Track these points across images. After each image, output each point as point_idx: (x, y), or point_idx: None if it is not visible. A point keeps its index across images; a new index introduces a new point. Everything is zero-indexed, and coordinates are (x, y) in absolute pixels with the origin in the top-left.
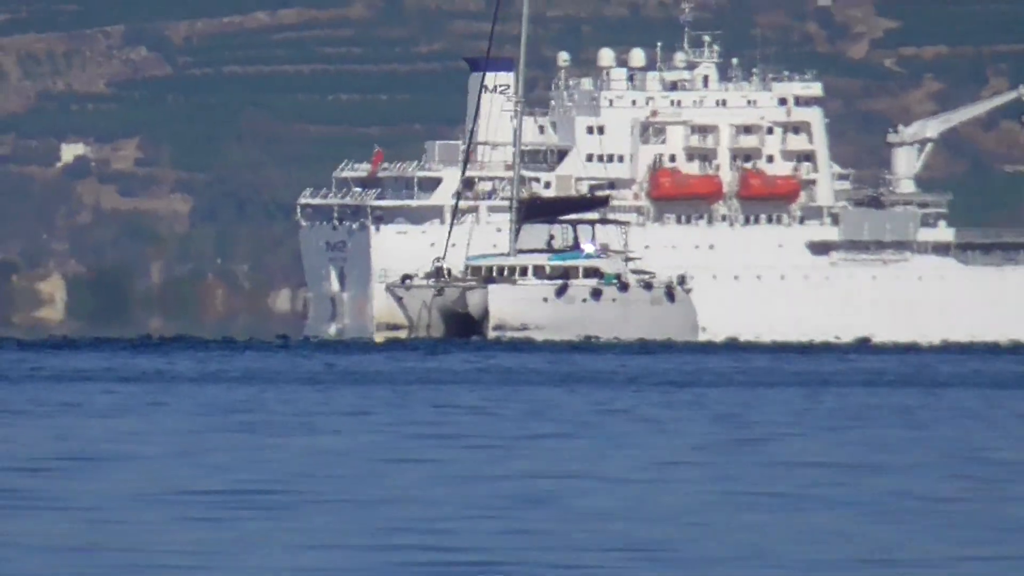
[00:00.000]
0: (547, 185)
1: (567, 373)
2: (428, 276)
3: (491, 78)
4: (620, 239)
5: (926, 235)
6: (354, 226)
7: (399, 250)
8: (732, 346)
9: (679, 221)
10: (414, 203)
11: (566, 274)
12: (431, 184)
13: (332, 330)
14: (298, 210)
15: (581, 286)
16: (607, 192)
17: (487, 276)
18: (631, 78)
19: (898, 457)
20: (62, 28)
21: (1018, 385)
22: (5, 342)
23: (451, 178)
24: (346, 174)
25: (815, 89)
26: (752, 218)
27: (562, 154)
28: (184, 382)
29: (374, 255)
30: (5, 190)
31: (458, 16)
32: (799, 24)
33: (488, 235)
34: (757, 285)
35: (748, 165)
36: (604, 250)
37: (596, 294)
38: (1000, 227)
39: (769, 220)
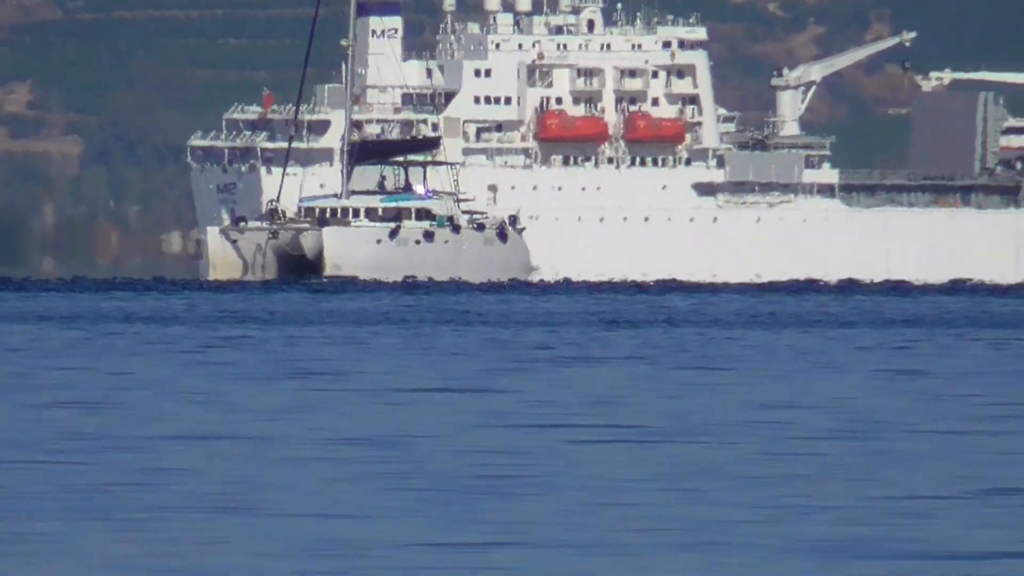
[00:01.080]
0: (434, 127)
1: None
2: (262, 218)
3: (377, 22)
4: (451, 181)
5: (811, 177)
6: (244, 168)
7: (289, 192)
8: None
9: (566, 163)
10: (303, 145)
11: (399, 215)
12: (320, 127)
13: None
14: (188, 152)
15: (414, 228)
16: (436, 135)
17: (320, 218)
18: (517, 23)
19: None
20: None
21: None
22: None
23: (339, 121)
24: (236, 116)
25: (699, 33)
26: (638, 160)
27: (449, 97)
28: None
29: (264, 197)
30: None
31: None
32: None
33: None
34: (644, 226)
35: (634, 108)
36: (435, 192)
37: (428, 236)
38: (883, 169)
39: (655, 163)
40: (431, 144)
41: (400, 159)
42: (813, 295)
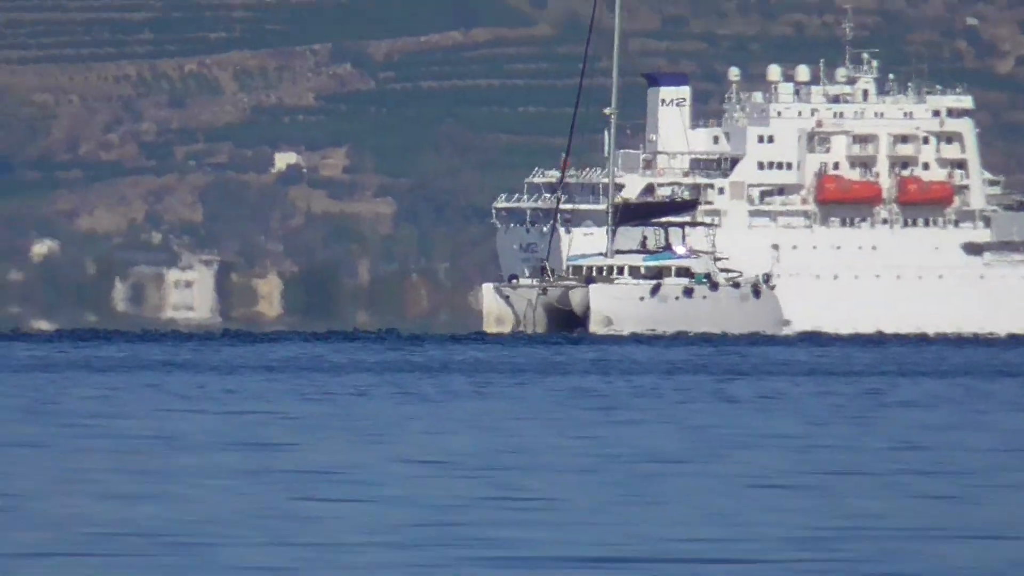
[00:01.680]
0: (721, 191)
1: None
2: (532, 276)
3: (667, 92)
4: (708, 240)
5: None
6: (545, 228)
7: (587, 250)
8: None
9: (843, 224)
10: (600, 207)
11: (659, 274)
12: (616, 190)
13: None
14: (494, 213)
15: (674, 285)
16: (695, 197)
17: (587, 276)
18: (797, 92)
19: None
20: (272, 45)
21: None
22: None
23: (633, 184)
24: (537, 180)
25: (966, 102)
26: (910, 221)
27: (734, 162)
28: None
29: (564, 256)
30: (224, 196)
31: (636, 35)
32: (949, 42)
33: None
34: (916, 283)
35: (906, 172)
36: (693, 251)
37: (688, 292)
38: None
39: (926, 223)
40: (690, 206)
41: (661, 220)
42: None
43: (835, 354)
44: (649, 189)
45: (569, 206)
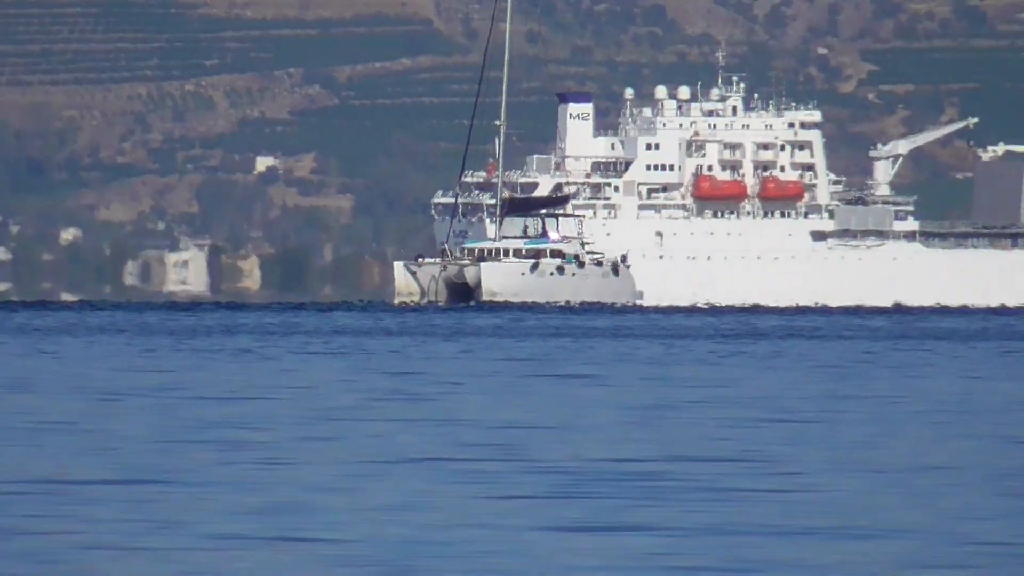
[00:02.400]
0: (616, 188)
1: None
2: (435, 256)
3: (575, 108)
4: (577, 228)
5: (899, 226)
6: (474, 219)
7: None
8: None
9: (714, 215)
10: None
11: (537, 255)
12: (531, 188)
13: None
14: (432, 206)
15: (549, 264)
16: (565, 193)
17: (479, 256)
18: (679, 108)
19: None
20: (256, 70)
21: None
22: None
23: (546, 183)
24: (468, 180)
25: (815, 116)
26: (769, 213)
27: (627, 164)
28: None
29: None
30: (215, 192)
31: (551, 62)
32: (803, 67)
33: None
34: (772, 264)
35: (766, 173)
36: (565, 237)
37: (560, 270)
38: (953, 220)
39: (782, 215)
40: (562, 201)
41: (540, 212)
42: (877, 317)
43: (675, 322)
44: (558, 187)
45: (494, 201)
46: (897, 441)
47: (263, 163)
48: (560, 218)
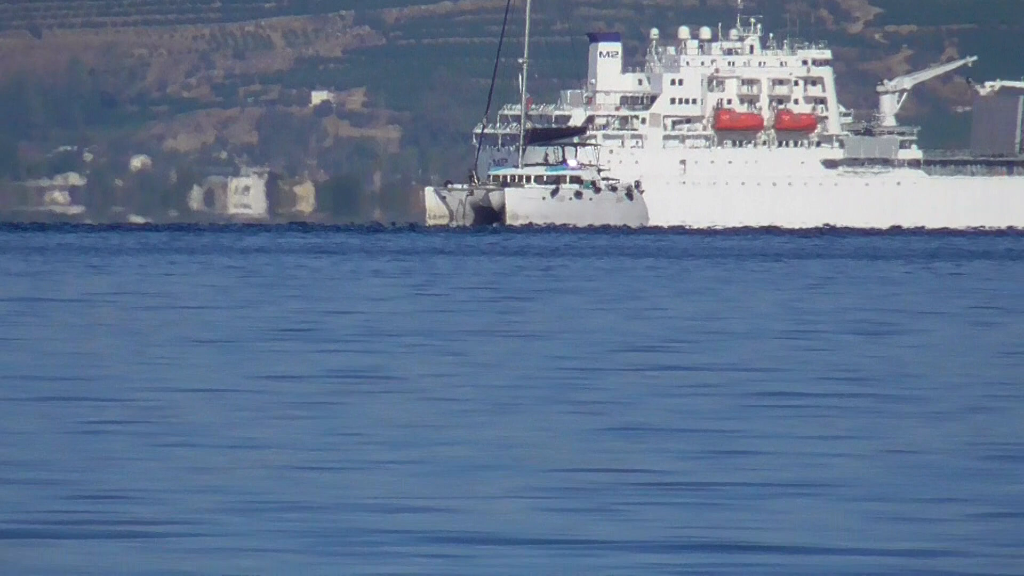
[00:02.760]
0: (643, 120)
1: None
2: (462, 182)
3: (604, 46)
4: (594, 156)
5: (903, 155)
6: (512, 148)
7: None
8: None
9: (734, 145)
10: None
11: (557, 181)
12: (564, 119)
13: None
14: (474, 137)
15: (568, 189)
16: (585, 124)
17: (503, 182)
18: (700, 47)
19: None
20: (311, 12)
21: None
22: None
23: (578, 116)
24: (506, 112)
25: (826, 54)
26: (784, 143)
27: (653, 99)
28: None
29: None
30: (273, 124)
31: (581, 4)
32: (815, 10)
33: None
34: (787, 189)
35: (781, 106)
36: (583, 164)
37: (578, 195)
38: (953, 150)
39: (795, 144)
40: (580, 131)
41: (560, 141)
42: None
43: (692, 241)
44: (590, 119)
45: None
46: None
47: (318, 97)
48: (578, 147)
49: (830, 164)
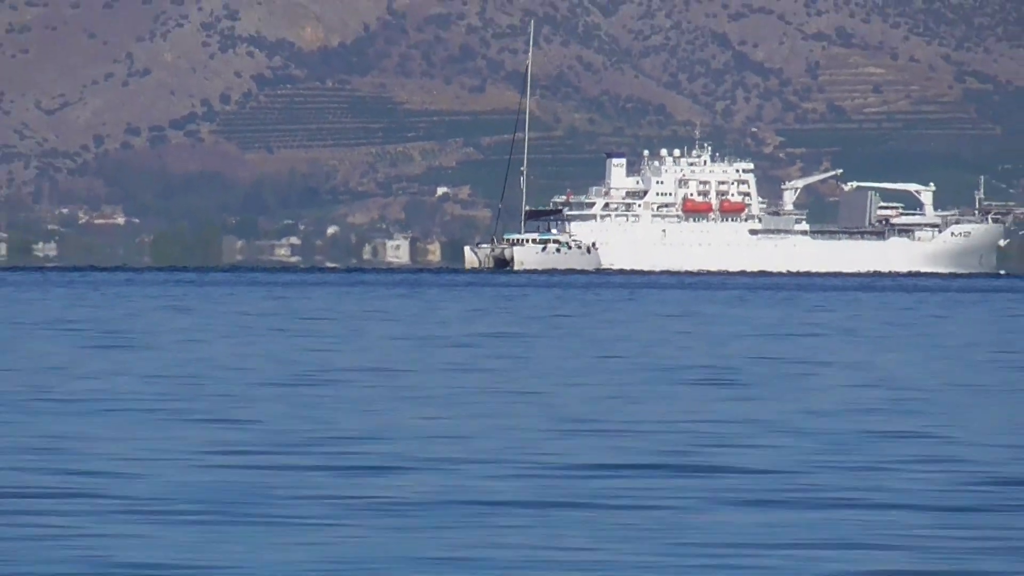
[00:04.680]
0: (639, 205)
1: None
2: (487, 242)
3: (616, 160)
4: (565, 227)
5: (798, 227)
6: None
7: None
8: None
9: (694, 221)
10: (574, 212)
11: (545, 242)
12: (590, 204)
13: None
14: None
15: (552, 247)
16: (560, 207)
17: (513, 243)
18: (674, 161)
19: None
20: (437, 139)
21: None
22: None
23: (599, 202)
24: (556, 199)
25: (750, 166)
26: (724, 219)
27: (645, 192)
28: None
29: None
30: (415, 207)
31: (600, 135)
32: (743, 139)
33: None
34: (725, 248)
35: (723, 197)
36: (561, 230)
37: (557, 250)
38: (827, 224)
39: (731, 220)
40: (557, 212)
41: (548, 218)
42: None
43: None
44: (606, 205)
45: (567, 210)
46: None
47: (440, 191)
48: (559, 221)
49: (753, 232)
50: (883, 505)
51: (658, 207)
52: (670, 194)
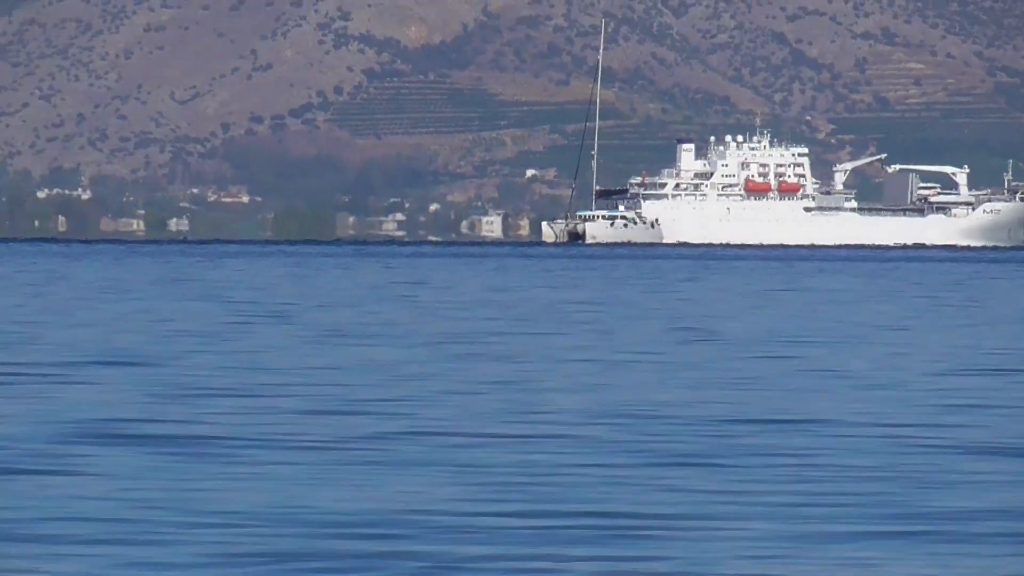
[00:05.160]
0: (706, 186)
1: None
2: (563, 218)
3: (685, 146)
4: (636, 203)
5: (847, 205)
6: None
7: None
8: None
9: (755, 199)
10: (648, 192)
11: (613, 218)
12: (663, 184)
13: None
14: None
15: (619, 222)
16: (627, 187)
17: (586, 219)
18: (737, 146)
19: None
20: (527, 126)
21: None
22: None
23: (671, 183)
24: (632, 180)
25: (805, 150)
26: (783, 198)
27: (711, 174)
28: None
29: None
30: (507, 187)
31: (672, 123)
32: (798, 126)
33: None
34: (783, 224)
35: (781, 178)
36: (628, 208)
37: (624, 225)
38: (874, 203)
39: (788, 199)
40: (624, 192)
41: (615, 196)
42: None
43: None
44: (676, 185)
45: (642, 190)
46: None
47: (530, 172)
48: (626, 199)
49: (807, 210)
50: None
51: (723, 187)
52: (733, 175)
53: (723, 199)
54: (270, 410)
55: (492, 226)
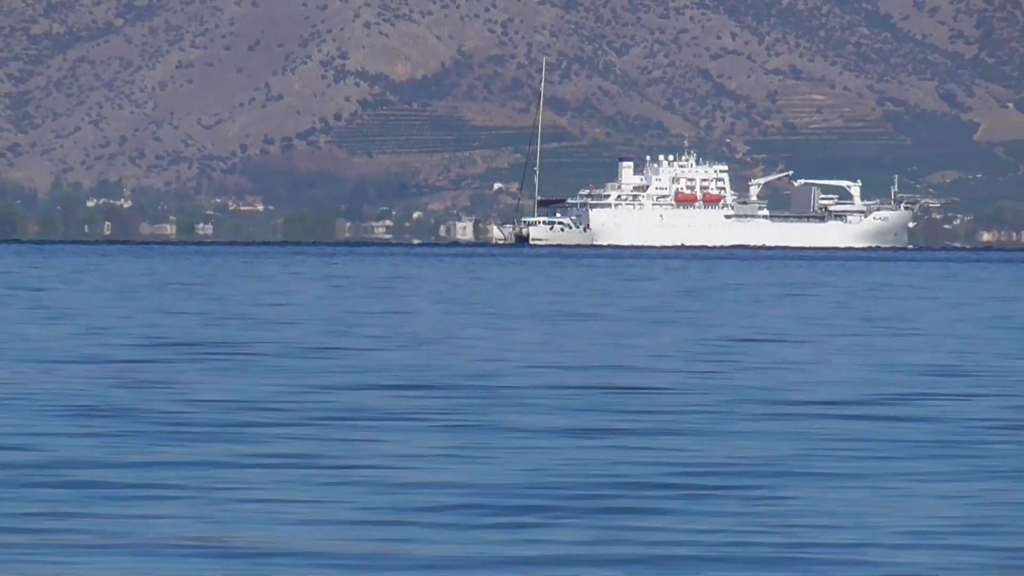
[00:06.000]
0: (643, 197)
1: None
2: (511, 223)
3: (625, 163)
4: (581, 212)
5: (760, 213)
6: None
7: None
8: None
9: (683, 209)
10: (594, 201)
11: (553, 223)
12: (607, 196)
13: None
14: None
15: (558, 227)
16: (562, 199)
17: (530, 224)
18: (669, 163)
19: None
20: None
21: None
22: None
23: (613, 195)
24: (584, 192)
25: (725, 167)
26: (706, 207)
27: (646, 187)
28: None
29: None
30: (479, 200)
31: (615, 144)
32: (719, 147)
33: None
34: (706, 229)
35: (705, 191)
36: (566, 215)
37: (562, 229)
38: (781, 211)
39: (711, 208)
40: (562, 201)
41: (554, 205)
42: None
43: (629, 253)
44: (618, 196)
45: (590, 200)
46: None
47: (496, 186)
48: (560, 207)
49: (727, 217)
50: None
51: (657, 198)
52: (666, 188)
53: (657, 208)
54: None
55: (465, 230)
